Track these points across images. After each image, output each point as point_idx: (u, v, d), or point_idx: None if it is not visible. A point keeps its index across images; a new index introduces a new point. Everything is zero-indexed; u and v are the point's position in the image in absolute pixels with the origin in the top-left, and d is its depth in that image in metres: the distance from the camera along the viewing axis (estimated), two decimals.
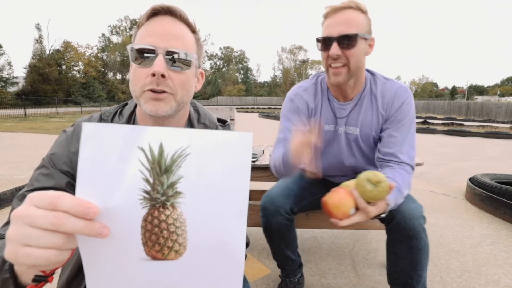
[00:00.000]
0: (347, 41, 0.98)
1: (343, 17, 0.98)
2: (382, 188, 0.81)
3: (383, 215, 0.93)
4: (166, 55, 0.59)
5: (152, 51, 0.59)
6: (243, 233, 0.38)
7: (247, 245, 0.82)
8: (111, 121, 0.69)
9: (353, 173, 1.28)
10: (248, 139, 0.37)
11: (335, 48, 0.98)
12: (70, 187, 0.63)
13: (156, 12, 0.61)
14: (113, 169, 0.35)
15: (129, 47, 0.61)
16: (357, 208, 0.86)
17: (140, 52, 0.59)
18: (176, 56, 0.60)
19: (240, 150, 0.37)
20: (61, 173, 0.62)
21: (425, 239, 1.03)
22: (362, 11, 1.01)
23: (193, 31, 0.66)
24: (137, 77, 0.61)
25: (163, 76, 0.59)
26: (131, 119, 0.70)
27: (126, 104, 0.74)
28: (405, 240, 1.03)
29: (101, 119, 0.69)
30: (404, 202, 1.03)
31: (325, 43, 1.01)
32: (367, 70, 1.16)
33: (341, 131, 1.17)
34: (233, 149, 0.37)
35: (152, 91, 0.60)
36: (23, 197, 0.58)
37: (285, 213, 1.20)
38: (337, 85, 1.07)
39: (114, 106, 0.73)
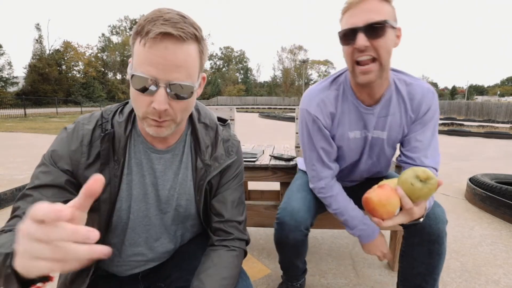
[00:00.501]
0: (375, 30, 0.85)
1: (368, 6, 0.87)
2: (432, 186, 0.71)
3: (421, 220, 0.83)
4: (168, 88, 0.58)
5: (153, 81, 0.57)
6: None
7: (247, 242, 0.82)
8: (112, 119, 0.69)
9: (362, 177, 1.24)
10: None
11: (361, 39, 0.86)
12: (70, 185, 0.63)
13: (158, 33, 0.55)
14: None
15: (129, 73, 0.59)
16: (401, 209, 0.77)
17: (141, 80, 0.57)
18: (178, 88, 0.58)
19: None
20: (61, 171, 0.63)
21: (446, 244, 1.00)
22: (386, 0, 0.89)
23: (198, 41, 0.60)
24: (138, 102, 0.60)
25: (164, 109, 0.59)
26: (130, 117, 0.71)
27: (127, 103, 0.74)
28: (426, 244, 1.00)
29: (102, 117, 0.69)
30: None
31: (348, 35, 0.89)
32: None
33: (369, 136, 1.07)
34: None
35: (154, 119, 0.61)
36: (23, 196, 0.59)
37: (305, 228, 1.09)
38: (367, 84, 0.94)
39: (115, 105, 0.74)
